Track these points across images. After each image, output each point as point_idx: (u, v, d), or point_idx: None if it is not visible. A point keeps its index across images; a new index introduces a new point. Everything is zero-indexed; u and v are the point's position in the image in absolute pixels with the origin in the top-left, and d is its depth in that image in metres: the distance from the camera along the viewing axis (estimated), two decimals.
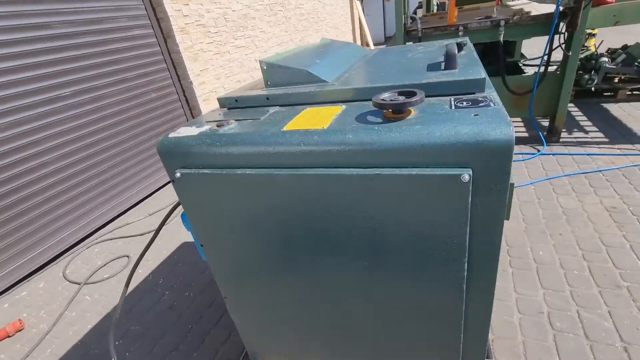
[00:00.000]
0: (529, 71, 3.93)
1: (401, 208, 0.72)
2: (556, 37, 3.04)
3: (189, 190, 0.94)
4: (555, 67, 3.62)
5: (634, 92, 4.27)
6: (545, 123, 3.93)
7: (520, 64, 4.79)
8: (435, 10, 8.07)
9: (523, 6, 3.53)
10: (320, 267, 0.92)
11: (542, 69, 3.21)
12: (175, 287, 2.40)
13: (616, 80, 4.30)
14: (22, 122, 2.62)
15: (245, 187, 0.86)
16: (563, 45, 3.10)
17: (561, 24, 3.01)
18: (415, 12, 10.90)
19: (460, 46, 1.14)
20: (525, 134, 3.76)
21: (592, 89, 4.26)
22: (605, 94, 4.43)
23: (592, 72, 4.20)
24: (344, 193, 0.76)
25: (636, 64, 4.15)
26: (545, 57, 3.18)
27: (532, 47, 7.39)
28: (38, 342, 2.10)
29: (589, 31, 5.14)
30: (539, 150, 3.36)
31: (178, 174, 0.92)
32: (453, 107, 0.74)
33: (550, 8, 3.22)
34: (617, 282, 1.84)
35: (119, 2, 3.30)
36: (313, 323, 1.08)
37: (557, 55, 4.52)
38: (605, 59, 4.20)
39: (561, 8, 2.91)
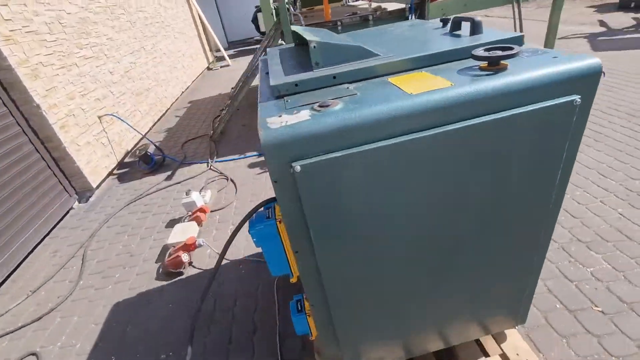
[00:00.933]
0: None
1: (527, 138, 0.88)
2: None
3: (310, 182, 0.82)
4: None
5: None
6: None
7: None
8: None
9: (370, 4, 4.22)
10: (453, 227, 0.98)
11: None
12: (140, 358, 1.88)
13: None
14: None
15: (379, 161, 0.83)
16: None
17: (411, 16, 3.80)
18: (256, 14, 11.18)
19: (445, 21, 1.37)
20: None
21: None
22: None
23: None
24: (483, 140, 0.85)
25: None
26: None
27: None
28: None
29: None
30: None
31: (298, 167, 0.80)
32: (524, 57, 0.94)
33: (396, 5, 4.00)
34: None
35: None
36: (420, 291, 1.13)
37: None
38: None
39: (407, 5, 3.68)
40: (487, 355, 1.44)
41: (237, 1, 12.62)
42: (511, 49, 0.88)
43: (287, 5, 3.50)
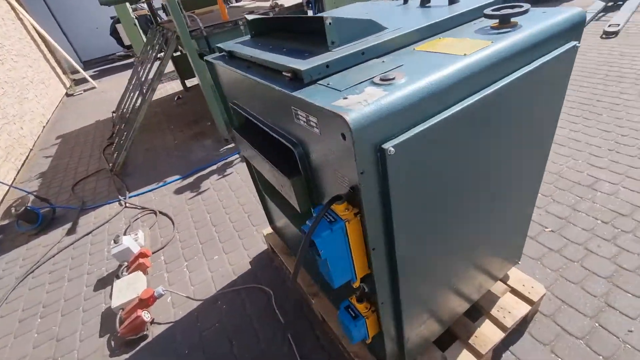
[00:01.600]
0: None
1: (548, 83, 0.97)
2: None
3: (400, 163, 0.74)
4: None
5: None
6: None
7: None
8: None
9: (256, 4, 4.12)
10: (501, 174, 1.02)
11: None
12: None
13: None
14: None
15: (457, 125, 0.80)
16: None
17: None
18: (114, 26, 9.76)
19: None
20: None
21: None
22: None
23: None
24: (522, 90, 0.90)
25: None
26: None
27: None
28: None
29: None
30: None
31: (391, 149, 0.70)
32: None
33: (293, 1, 4.01)
34: None
35: None
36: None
37: None
38: None
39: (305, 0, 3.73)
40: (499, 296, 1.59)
41: (81, 14, 10.72)
42: (521, 7, 0.95)
43: (180, 9, 3.12)
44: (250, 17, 1.37)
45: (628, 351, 1.42)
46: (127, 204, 3.22)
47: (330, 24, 0.92)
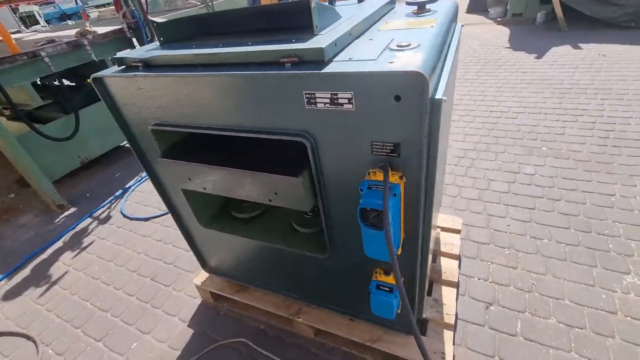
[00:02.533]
0: None
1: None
2: None
3: (445, 108, 0.84)
4: None
5: None
6: None
7: None
8: None
9: (88, 26, 3.31)
10: None
11: None
12: None
13: None
14: None
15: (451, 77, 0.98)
16: None
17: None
18: None
19: None
20: None
21: None
22: None
23: None
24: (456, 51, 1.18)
25: None
26: None
27: None
28: None
29: None
30: None
31: (445, 97, 0.79)
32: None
33: (109, 27, 3.41)
34: None
35: None
36: None
37: None
38: None
39: (125, 25, 3.27)
40: None
41: None
42: None
43: None
44: (159, 20, 1.15)
45: (515, 237, 2.03)
46: None
47: (314, 7, 0.92)
